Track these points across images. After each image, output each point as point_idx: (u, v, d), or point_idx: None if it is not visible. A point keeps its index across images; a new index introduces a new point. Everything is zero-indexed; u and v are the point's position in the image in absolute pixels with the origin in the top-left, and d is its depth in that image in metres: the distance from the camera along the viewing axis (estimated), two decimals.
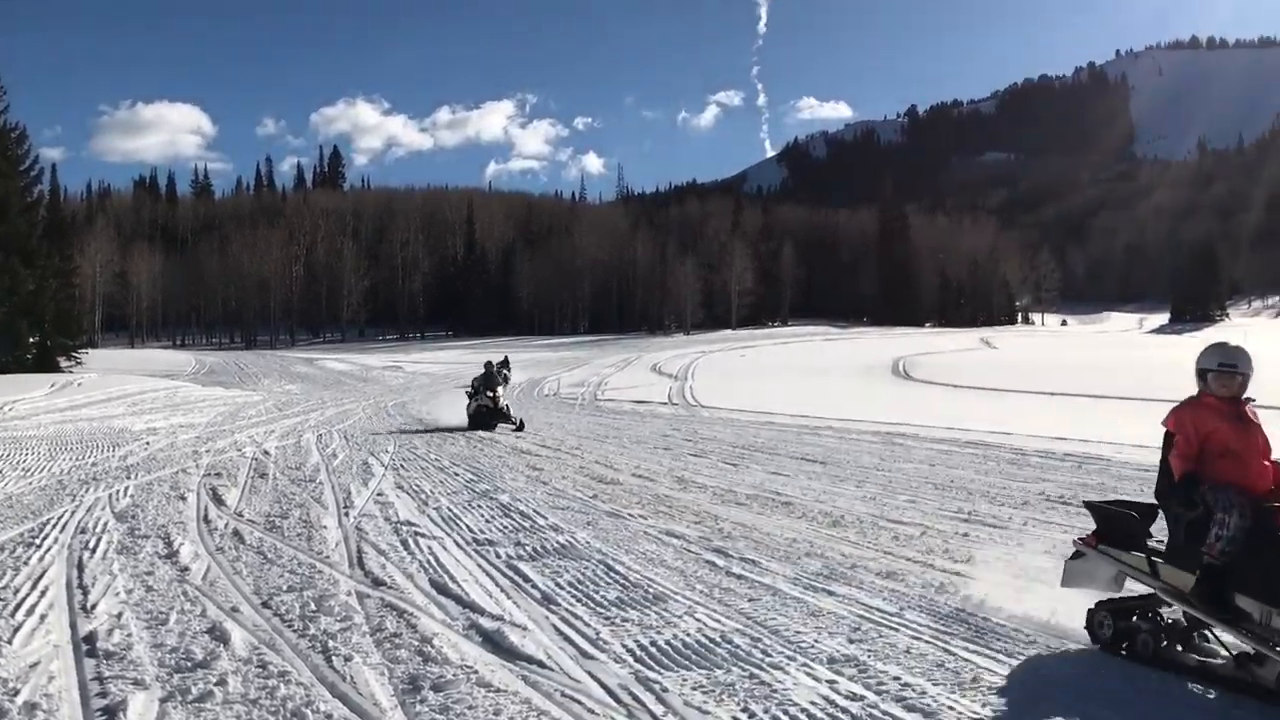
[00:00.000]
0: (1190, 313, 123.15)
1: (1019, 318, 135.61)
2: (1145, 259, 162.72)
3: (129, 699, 4.69)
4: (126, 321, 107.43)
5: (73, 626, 6.00)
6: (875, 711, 4.46)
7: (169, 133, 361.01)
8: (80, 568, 7.63)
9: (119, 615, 6.21)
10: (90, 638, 5.72)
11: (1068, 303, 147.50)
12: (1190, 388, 5.29)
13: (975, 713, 4.45)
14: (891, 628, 5.75)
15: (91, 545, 8.49)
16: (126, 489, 12.04)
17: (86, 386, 36.17)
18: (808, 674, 4.96)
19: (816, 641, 5.50)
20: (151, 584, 7.09)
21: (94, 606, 6.43)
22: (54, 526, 9.42)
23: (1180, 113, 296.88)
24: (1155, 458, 4.97)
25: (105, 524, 9.57)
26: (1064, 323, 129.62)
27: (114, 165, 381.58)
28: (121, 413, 26.84)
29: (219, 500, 11.05)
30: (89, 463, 14.99)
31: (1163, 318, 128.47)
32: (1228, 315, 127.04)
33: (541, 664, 5.18)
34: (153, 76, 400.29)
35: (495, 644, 5.53)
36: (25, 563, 7.80)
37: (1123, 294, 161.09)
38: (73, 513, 10.24)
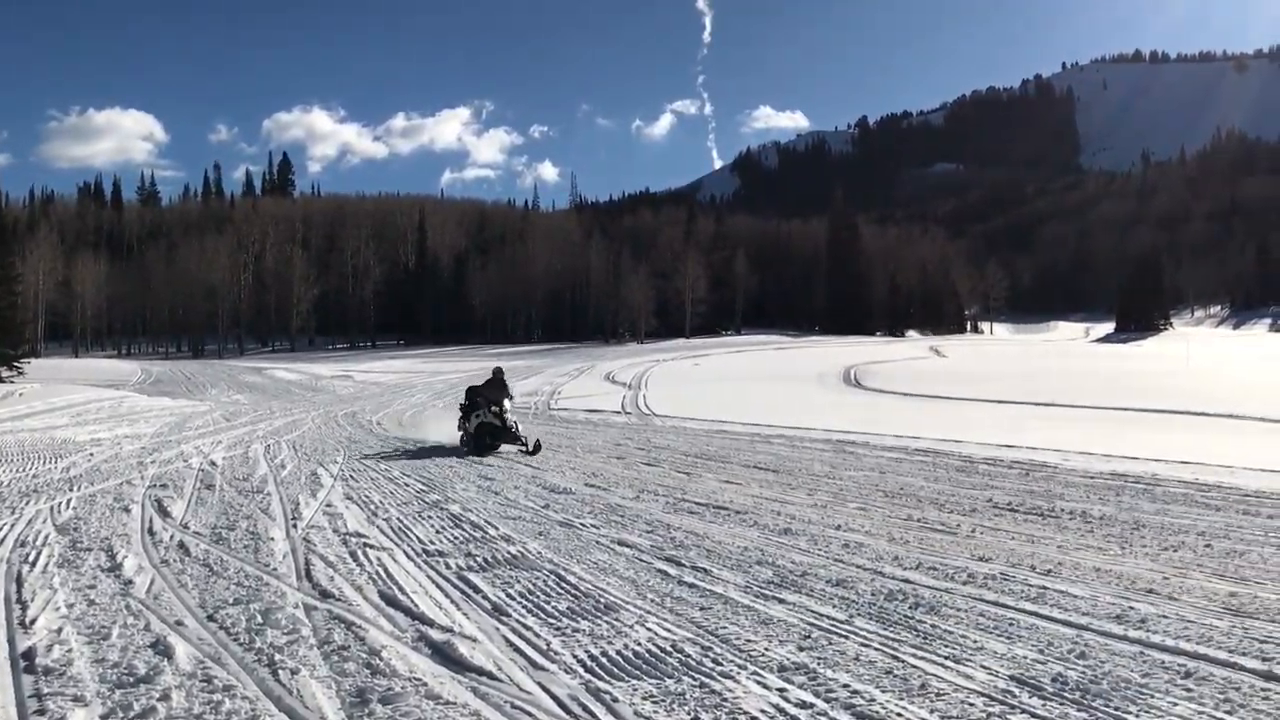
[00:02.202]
0: (1135, 322, 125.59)
1: (968, 327, 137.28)
2: (1091, 269, 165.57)
3: (69, 716, 4.61)
4: (70, 330, 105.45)
5: (10, 642, 5.86)
6: (824, 719, 4.50)
7: (120, 139, 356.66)
8: (19, 582, 7.47)
9: (59, 630, 6.09)
10: (29, 654, 5.59)
11: (1016, 312, 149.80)
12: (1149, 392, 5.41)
13: (923, 719, 4.50)
14: (841, 635, 5.79)
15: (31, 559, 8.31)
16: (69, 501, 11.80)
17: (28, 396, 35.46)
18: (758, 682, 4.98)
19: (767, 649, 5.53)
20: (94, 598, 6.96)
21: (33, 621, 6.29)
22: None
23: (1124, 125, 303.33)
24: (1100, 465, 5.19)
25: (46, 537, 9.37)
26: (993, 330, 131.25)
27: (62, 172, 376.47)
28: (65, 423, 26.32)
29: (164, 512, 10.87)
30: (30, 474, 14.67)
31: (1108, 326, 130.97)
32: (1171, 324, 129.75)
33: (491, 675, 5.16)
34: (104, 82, 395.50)
35: (445, 656, 5.50)
36: None
37: (1069, 303, 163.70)
38: (12, 525, 10.02)
